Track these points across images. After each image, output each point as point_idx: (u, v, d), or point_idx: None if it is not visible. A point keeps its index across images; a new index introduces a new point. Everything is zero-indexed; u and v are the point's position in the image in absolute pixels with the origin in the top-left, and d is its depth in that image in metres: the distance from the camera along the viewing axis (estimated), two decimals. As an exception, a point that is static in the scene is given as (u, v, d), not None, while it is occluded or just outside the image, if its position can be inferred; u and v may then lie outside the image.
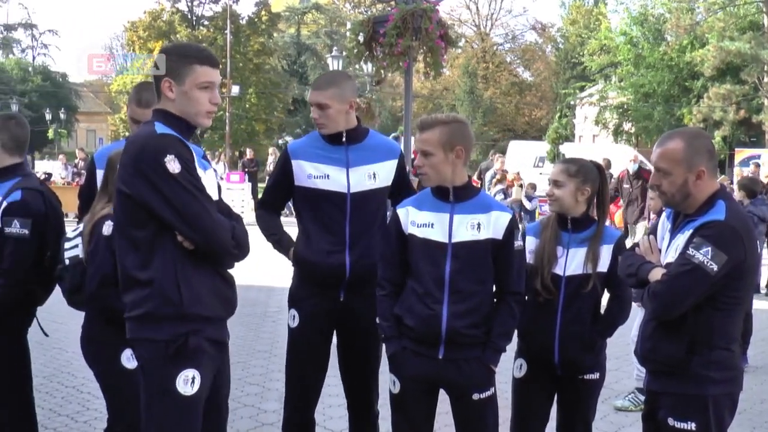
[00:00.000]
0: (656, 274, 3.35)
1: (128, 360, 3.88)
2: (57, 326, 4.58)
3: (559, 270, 3.95)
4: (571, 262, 3.94)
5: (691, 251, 3.23)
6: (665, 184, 3.38)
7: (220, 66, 3.37)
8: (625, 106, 41.83)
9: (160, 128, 3.15)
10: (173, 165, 3.05)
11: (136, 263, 3.14)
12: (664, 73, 39.06)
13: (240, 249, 3.28)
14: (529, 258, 3.97)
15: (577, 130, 49.83)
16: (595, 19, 52.00)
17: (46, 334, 4.57)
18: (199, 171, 3.18)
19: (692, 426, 3.35)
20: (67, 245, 4.03)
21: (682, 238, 3.35)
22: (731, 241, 3.23)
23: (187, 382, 3.14)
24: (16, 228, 4.14)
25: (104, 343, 3.96)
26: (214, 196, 3.28)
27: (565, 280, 3.93)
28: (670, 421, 3.39)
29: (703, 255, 3.19)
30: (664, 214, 3.65)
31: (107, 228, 3.80)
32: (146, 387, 3.19)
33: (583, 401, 4.05)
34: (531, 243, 4.02)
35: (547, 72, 56.96)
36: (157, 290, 3.10)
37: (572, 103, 44.65)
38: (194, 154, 3.18)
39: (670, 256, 3.40)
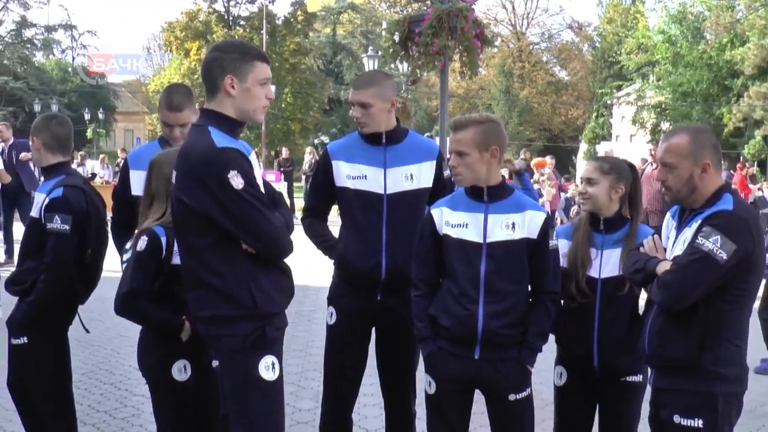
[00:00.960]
0: (664, 266, 3.31)
1: (180, 372, 3.81)
2: (96, 324, 4.63)
3: (594, 273, 3.88)
4: (606, 263, 3.87)
5: (700, 240, 3.20)
6: (671, 179, 3.35)
7: None
8: (663, 106, 41.37)
9: (217, 136, 3.17)
10: (236, 181, 3.10)
11: (201, 267, 3.22)
12: (703, 71, 38.59)
13: (290, 231, 3.39)
14: (562, 261, 3.90)
15: (614, 129, 49.46)
16: (632, 17, 51.51)
17: (87, 331, 4.62)
18: (256, 171, 3.24)
19: (699, 423, 3.29)
20: (124, 257, 4.08)
21: (689, 231, 3.31)
22: (740, 231, 3.20)
23: (269, 368, 3.26)
24: (57, 224, 4.20)
25: (155, 356, 3.87)
26: (258, 180, 3.32)
27: (600, 283, 3.87)
28: (676, 419, 3.34)
29: (713, 243, 3.16)
30: (669, 213, 3.61)
31: (141, 243, 3.76)
32: (231, 378, 3.27)
33: (625, 405, 3.95)
34: (563, 246, 3.95)
35: (584, 71, 56.54)
36: (230, 296, 3.19)
37: (609, 102, 44.32)
38: (252, 162, 3.23)
39: (677, 250, 3.35)
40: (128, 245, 4.08)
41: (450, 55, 11.90)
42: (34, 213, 4.34)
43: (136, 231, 3.93)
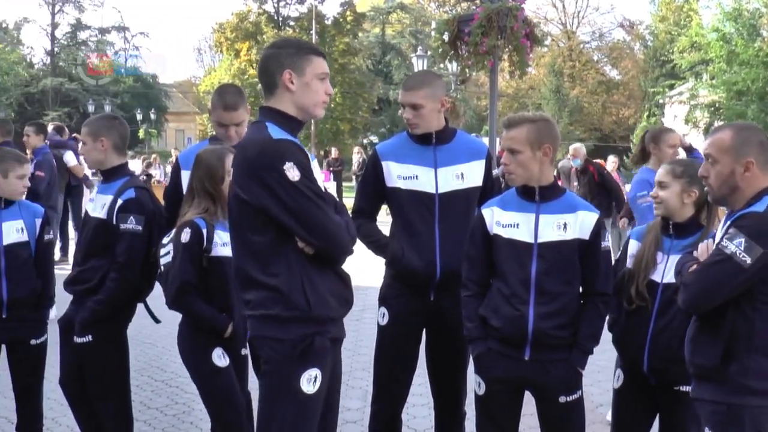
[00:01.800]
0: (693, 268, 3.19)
1: (219, 358, 4.01)
2: (148, 321, 4.67)
3: (656, 277, 3.78)
4: (670, 269, 3.73)
5: (724, 242, 3.08)
6: (712, 176, 3.21)
7: None
8: (717, 105, 40.61)
9: (274, 131, 3.14)
10: (293, 172, 3.05)
11: (256, 266, 3.15)
12: (759, 70, 37.78)
13: (353, 241, 3.32)
14: (629, 263, 3.86)
15: (666, 129, 48.69)
16: (685, 15, 50.68)
17: (157, 321, 4.66)
18: (314, 166, 3.22)
19: None
20: (162, 251, 4.14)
21: (721, 233, 3.19)
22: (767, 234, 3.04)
23: (311, 381, 3.15)
24: (131, 224, 4.27)
25: (195, 345, 4.09)
26: (320, 184, 3.28)
27: (661, 287, 3.76)
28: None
29: (736, 246, 3.03)
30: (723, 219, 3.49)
31: (185, 235, 3.91)
32: (269, 384, 3.20)
33: (678, 414, 3.81)
34: (633, 247, 3.90)
35: (635, 70, 55.80)
36: (284, 296, 3.11)
37: (661, 101, 43.67)
38: (309, 156, 3.19)
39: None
40: (165, 240, 4.13)
41: (499, 54, 11.84)
42: (99, 214, 4.38)
43: (178, 224, 4.00)
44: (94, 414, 4.55)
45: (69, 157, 11.67)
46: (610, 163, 16.98)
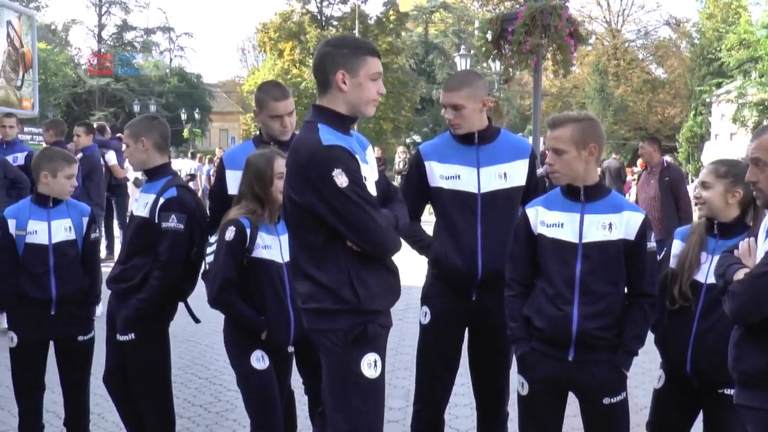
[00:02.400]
0: (740, 275, 3.05)
1: (258, 360, 4.04)
2: (192, 320, 4.73)
3: (700, 277, 3.73)
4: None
5: None
6: (763, 180, 3.05)
7: None
8: (766, 103, 40.02)
9: (325, 134, 3.19)
10: (341, 179, 3.11)
11: (308, 262, 3.26)
12: (809, 67, 37.17)
13: (402, 233, 3.41)
14: (672, 263, 3.81)
15: (713, 128, 48.11)
16: (734, 12, 49.98)
17: (197, 321, 4.72)
18: (363, 167, 3.24)
19: None
20: (208, 250, 4.18)
21: (764, 234, 3.05)
22: None
23: (371, 366, 3.24)
24: (173, 222, 4.31)
25: (236, 346, 4.13)
26: (375, 176, 3.36)
27: (705, 288, 3.71)
28: None
29: None
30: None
31: (230, 233, 3.96)
32: (332, 374, 3.29)
33: (723, 418, 3.71)
34: (677, 247, 3.86)
35: (682, 68, 55.15)
36: (333, 291, 3.20)
37: (708, 100, 43.10)
38: (359, 160, 3.23)
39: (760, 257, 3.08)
40: (213, 239, 4.17)
41: (543, 53, 11.76)
42: (142, 213, 4.43)
43: (222, 222, 4.04)
44: (137, 410, 4.61)
45: (110, 157, 11.85)
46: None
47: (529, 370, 3.69)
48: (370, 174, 3.30)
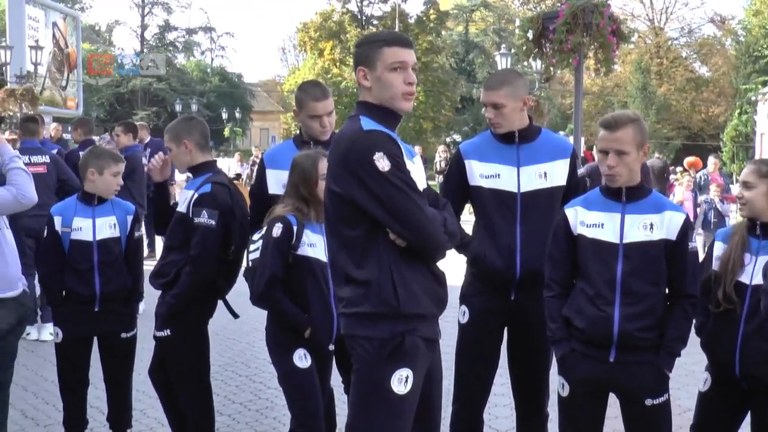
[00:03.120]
0: None
1: (300, 359, 4.05)
2: (232, 317, 4.76)
3: (745, 278, 3.68)
4: (759, 270, 3.62)
5: None
6: None
7: (414, 46, 3.30)
8: (814, 101, 39.34)
9: (366, 123, 3.11)
10: (382, 162, 3.00)
11: (349, 261, 3.12)
12: None
13: (452, 239, 3.25)
14: (715, 264, 3.77)
15: (759, 127, 47.37)
16: (780, 9, 49.22)
17: (236, 316, 4.75)
18: (408, 163, 3.14)
19: None
20: (251, 247, 4.20)
21: None
22: None
23: (401, 381, 3.09)
24: (204, 218, 4.34)
25: (278, 344, 4.15)
26: (422, 185, 3.24)
27: (750, 290, 3.65)
28: None
29: None
30: None
31: (277, 230, 3.98)
32: (359, 384, 3.17)
33: None
34: (719, 249, 3.81)
35: (726, 67, 54.34)
36: (374, 291, 3.06)
37: (753, 98, 42.43)
38: (402, 148, 3.13)
39: None
40: (256, 236, 4.20)
41: (585, 52, 11.66)
42: (181, 208, 4.49)
43: (269, 219, 4.06)
44: (180, 404, 4.67)
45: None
46: (711, 164, 15.80)
47: (570, 371, 3.67)
48: (416, 177, 3.19)
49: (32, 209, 4.46)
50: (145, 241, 13.09)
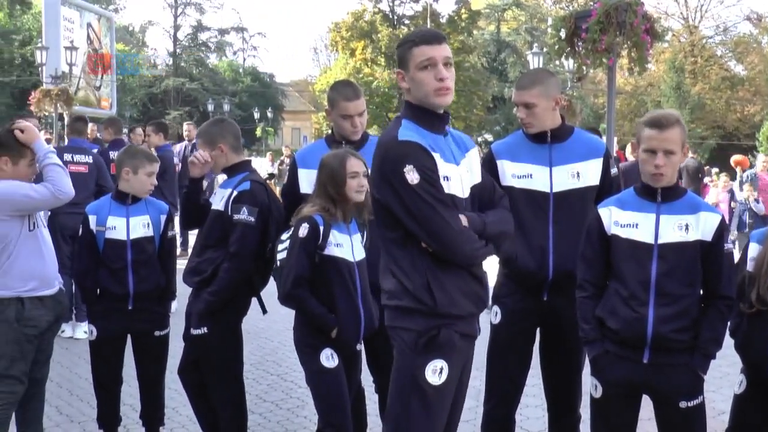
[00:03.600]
0: None
1: (327, 359, 4.06)
2: (265, 316, 4.78)
3: None
4: None
5: None
6: None
7: (446, 41, 3.30)
8: None
9: (404, 130, 3.17)
10: (412, 175, 3.06)
11: (391, 259, 3.24)
12: None
13: (500, 237, 3.34)
14: (750, 265, 3.72)
15: (795, 126, 46.79)
16: (817, 7, 48.50)
17: (265, 311, 4.77)
18: (447, 166, 3.18)
19: None
20: (279, 247, 4.22)
21: None
22: None
23: (436, 372, 3.18)
24: (243, 215, 4.38)
25: (306, 344, 4.17)
26: (476, 178, 3.33)
27: None
28: None
29: None
30: None
31: (303, 230, 3.99)
32: (396, 373, 3.27)
33: None
34: (753, 250, 3.76)
35: (763, 65, 53.68)
36: (409, 290, 3.16)
37: (790, 97, 41.89)
38: (438, 157, 3.16)
39: None
40: (284, 236, 4.21)
41: (618, 51, 11.56)
42: (218, 206, 4.52)
43: (296, 219, 4.07)
44: (210, 405, 4.69)
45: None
46: (760, 163, 15.39)
47: (603, 373, 3.64)
48: (462, 177, 3.26)
49: (69, 207, 4.53)
50: (179, 240, 13.26)
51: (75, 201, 4.52)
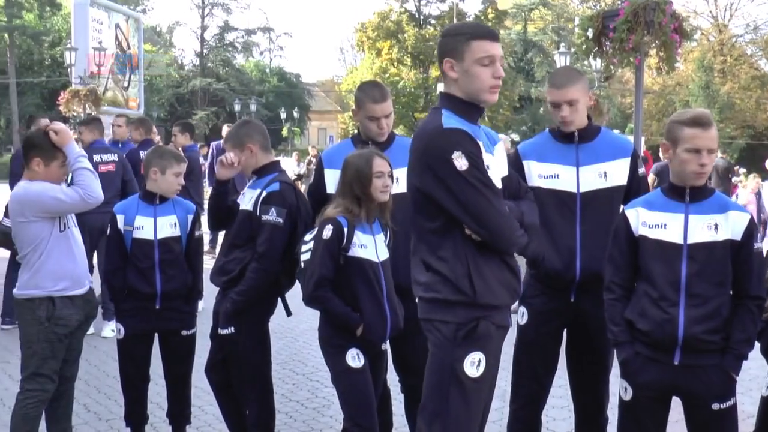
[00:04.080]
0: None
1: (353, 359, 4.06)
2: (291, 316, 4.80)
3: None
4: None
5: None
6: None
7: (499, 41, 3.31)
8: None
9: (447, 119, 3.18)
10: (460, 162, 3.07)
11: (428, 250, 3.23)
12: None
13: (531, 230, 3.34)
14: None
15: (826, 126, 46.27)
16: None
17: (289, 313, 4.80)
18: (486, 155, 3.20)
19: None
20: (303, 248, 4.23)
21: None
22: None
23: (474, 364, 3.20)
24: (272, 216, 4.40)
25: (331, 344, 4.16)
26: (503, 172, 3.34)
27: None
28: None
29: None
30: None
31: (327, 232, 3.99)
32: (434, 366, 3.28)
33: None
34: None
35: (793, 64, 53.17)
36: (450, 279, 3.17)
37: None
38: (481, 145, 3.19)
39: None
40: (308, 237, 4.22)
41: (646, 50, 11.48)
42: (247, 206, 4.53)
43: (320, 220, 4.08)
44: (236, 404, 4.71)
45: None
46: None
47: (633, 375, 3.60)
48: (496, 168, 3.27)
49: (99, 206, 4.56)
50: (207, 238, 13.36)
51: (105, 200, 4.56)
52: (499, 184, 3.27)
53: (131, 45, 33.95)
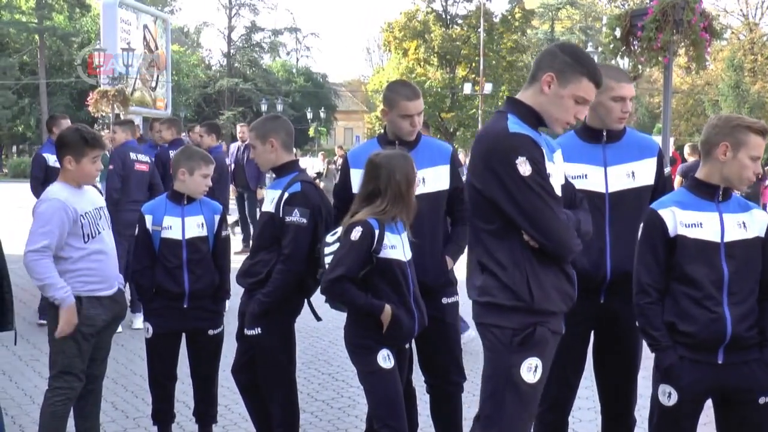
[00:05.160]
0: None
1: (384, 360, 4.04)
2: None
3: None
4: None
5: None
6: None
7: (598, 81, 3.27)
8: None
9: (513, 124, 3.18)
10: (524, 167, 3.08)
11: (484, 253, 3.23)
12: None
13: (585, 238, 3.36)
14: None
15: None
16: None
17: (318, 318, 4.81)
18: (548, 163, 3.20)
19: None
20: (326, 250, 4.22)
21: None
22: None
23: (531, 370, 3.20)
24: (296, 217, 4.39)
25: (361, 345, 4.13)
26: (561, 180, 3.34)
27: None
28: None
29: None
30: None
31: (356, 233, 3.96)
32: (490, 371, 3.27)
33: None
34: None
35: (825, 62, 52.50)
36: (508, 285, 3.16)
37: None
38: (545, 152, 3.19)
39: None
40: (329, 238, 4.22)
41: (674, 49, 11.40)
42: (269, 208, 4.55)
43: (349, 221, 4.05)
44: (262, 403, 4.73)
45: None
46: None
47: (678, 379, 3.53)
48: (556, 175, 3.27)
49: (132, 205, 4.59)
50: (240, 237, 13.55)
51: (136, 199, 4.59)
52: (559, 192, 3.27)
53: (159, 46, 34.14)
